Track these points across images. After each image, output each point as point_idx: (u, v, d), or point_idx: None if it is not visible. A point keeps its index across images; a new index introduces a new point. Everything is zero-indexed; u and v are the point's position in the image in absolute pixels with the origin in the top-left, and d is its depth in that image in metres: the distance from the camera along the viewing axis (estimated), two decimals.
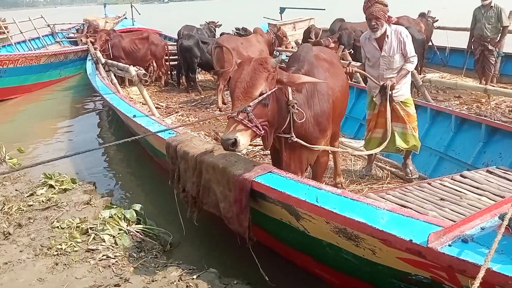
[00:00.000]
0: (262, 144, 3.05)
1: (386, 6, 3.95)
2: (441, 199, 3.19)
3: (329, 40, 7.84)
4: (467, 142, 4.52)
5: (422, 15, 9.48)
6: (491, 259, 1.67)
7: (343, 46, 7.22)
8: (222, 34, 9.69)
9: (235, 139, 2.51)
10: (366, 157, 4.77)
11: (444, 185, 3.43)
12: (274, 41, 8.41)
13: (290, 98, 2.87)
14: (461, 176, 3.57)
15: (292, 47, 9.58)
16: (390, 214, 2.13)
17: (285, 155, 3.10)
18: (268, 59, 2.73)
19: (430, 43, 9.87)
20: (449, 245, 1.80)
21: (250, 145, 4.20)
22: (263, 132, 2.68)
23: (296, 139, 2.98)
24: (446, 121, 4.81)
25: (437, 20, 9.93)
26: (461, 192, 3.28)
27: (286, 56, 9.67)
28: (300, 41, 10.03)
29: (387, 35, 4.00)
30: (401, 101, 4.15)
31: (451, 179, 3.55)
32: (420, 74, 7.79)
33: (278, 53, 8.68)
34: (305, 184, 2.57)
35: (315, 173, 3.57)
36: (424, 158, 4.84)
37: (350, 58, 7.11)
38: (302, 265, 3.28)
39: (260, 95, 2.60)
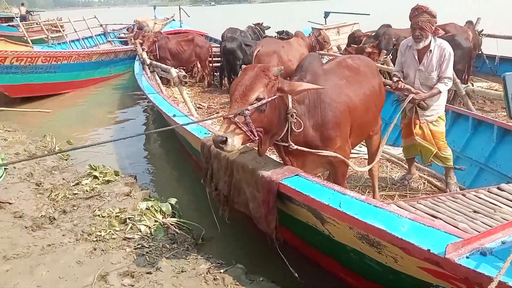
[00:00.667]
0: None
1: (435, 17, 3.73)
2: (474, 211, 3.11)
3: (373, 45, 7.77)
4: (510, 154, 4.36)
5: (469, 22, 9.15)
6: (509, 274, 1.67)
7: (385, 51, 7.15)
8: (265, 37, 9.82)
9: (226, 138, 2.49)
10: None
11: (479, 197, 3.33)
12: (315, 45, 8.41)
13: (290, 107, 2.85)
14: (498, 188, 3.45)
15: (334, 52, 9.54)
16: (411, 223, 2.14)
17: (289, 162, 3.07)
18: (271, 67, 2.75)
19: (479, 52, 9.51)
20: (467, 257, 1.80)
21: None
22: (256, 138, 2.66)
23: (295, 146, 2.94)
24: (489, 131, 4.66)
25: (482, 31, 9.57)
26: (496, 205, 3.19)
27: None
28: (342, 46, 9.97)
29: (430, 50, 3.81)
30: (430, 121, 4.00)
31: (487, 191, 3.44)
32: (467, 83, 7.53)
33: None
34: (330, 188, 2.62)
35: (334, 177, 3.35)
36: None
37: (391, 64, 7.03)
38: (327, 268, 3.32)
39: (257, 100, 2.61)
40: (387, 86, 6.66)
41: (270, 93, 2.67)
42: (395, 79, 4.10)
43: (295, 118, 2.86)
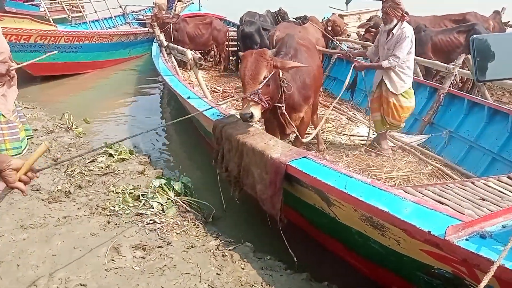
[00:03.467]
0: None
1: (398, 4, 4.36)
2: (482, 199, 3.12)
3: None
4: None
5: (496, 12, 8.87)
6: (508, 257, 1.69)
7: None
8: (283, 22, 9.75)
9: (252, 113, 3.24)
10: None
11: (488, 186, 3.33)
12: (328, 30, 8.34)
13: (281, 75, 3.59)
14: (508, 177, 3.45)
15: (354, 39, 9.44)
16: (414, 205, 2.18)
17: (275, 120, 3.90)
18: (266, 51, 3.45)
19: None
20: (466, 239, 1.83)
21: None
22: (267, 105, 3.41)
23: (284, 112, 3.71)
24: (504, 121, 4.62)
25: (508, 22, 9.25)
26: (504, 193, 3.19)
27: (348, 46, 9.53)
28: (362, 32, 9.83)
29: (393, 32, 4.45)
30: (392, 92, 4.61)
31: (497, 180, 3.44)
32: None
33: (337, 43, 8.59)
34: (337, 171, 2.66)
35: (300, 130, 4.17)
36: (477, 158, 4.70)
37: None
38: (333, 251, 3.38)
39: (264, 78, 3.33)
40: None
41: (270, 70, 3.40)
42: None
43: (286, 83, 3.63)
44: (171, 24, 9.46)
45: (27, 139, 4.18)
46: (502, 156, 4.42)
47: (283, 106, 3.69)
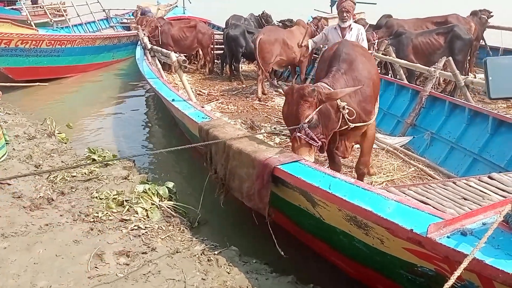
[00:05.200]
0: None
1: (355, 4, 5.01)
2: (463, 198, 3.16)
3: (374, 34, 7.76)
4: (503, 145, 4.40)
5: (474, 13, 9.05)
6: (487, 253, 1.73)
7: (386, 41, 7.16)
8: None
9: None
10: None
11: (469, 185, 3.38)
12: (315, 33, 8.40)
13: (339, 103, 3.17)
14: (489, 177, 3.50)
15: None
16: (397, 204, 2.20)
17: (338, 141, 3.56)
18: (306, 89, 3.00)
19: (482, 42, 9.44)
20: (448, 237, 1.86)
21: None
22: (320, 143, 3.08)
23: (353, 125, 3.35)
24: (484, 123, 4.70)
25: (491, 12, 9.35)
26: (485, 193, 3.24)
27: None
28: None
29: (351, 27, 5.00)
30: None
31: (478, 179, 3.50)
32: (469, 74, 7.52)
33: (324, 47, 8.65)
34: (321, 172, 2.68)
35: (363, 148, 3.87)
36: (458, 159, 4.77)
37: (393, 54, 7.06)
38: (319, 251, 3.40)
39: (308, 122, 3.00)
40: None
41: (315, 108, 3.03)
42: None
43: (347, 108, 3.21)
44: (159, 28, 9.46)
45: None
46: (482, 156, 4.49)
47: (349, 125, 3.35)
